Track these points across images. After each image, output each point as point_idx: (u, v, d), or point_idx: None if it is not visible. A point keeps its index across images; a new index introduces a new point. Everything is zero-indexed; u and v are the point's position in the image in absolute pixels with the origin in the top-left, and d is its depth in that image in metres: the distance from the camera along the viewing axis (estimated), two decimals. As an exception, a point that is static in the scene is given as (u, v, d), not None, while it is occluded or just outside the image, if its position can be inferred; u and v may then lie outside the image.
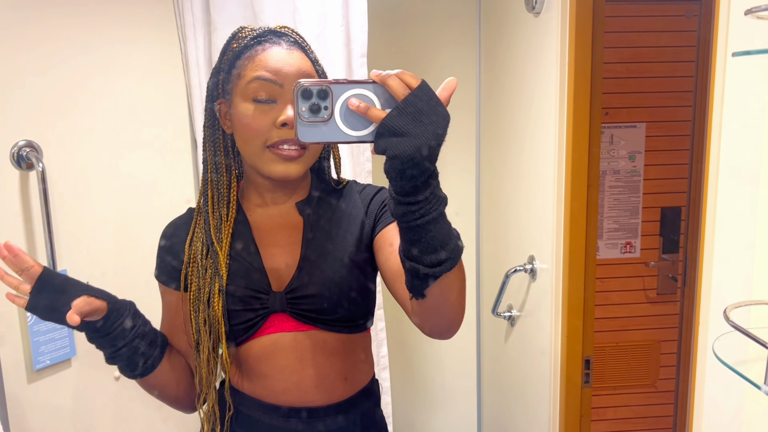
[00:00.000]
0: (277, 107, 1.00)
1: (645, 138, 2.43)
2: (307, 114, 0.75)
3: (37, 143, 1.47)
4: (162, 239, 1.14)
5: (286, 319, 1.05)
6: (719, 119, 0.93)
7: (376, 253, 1.08)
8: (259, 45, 1.02)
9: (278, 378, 1.06)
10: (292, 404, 1.07)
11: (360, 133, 0.75)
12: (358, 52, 1.72)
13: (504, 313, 2.02)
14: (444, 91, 0.75)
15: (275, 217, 1.10)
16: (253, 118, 1.00)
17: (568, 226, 1.61)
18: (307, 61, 1.04)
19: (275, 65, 1.00)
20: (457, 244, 0.81)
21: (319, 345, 1.06)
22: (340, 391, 1.09)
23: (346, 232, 1.09)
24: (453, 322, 0.93)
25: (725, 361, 0.72)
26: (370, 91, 0.75)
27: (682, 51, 2.38)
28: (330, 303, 1.04)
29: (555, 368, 1.69)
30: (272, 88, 0.99)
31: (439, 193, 0.77)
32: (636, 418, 2.62)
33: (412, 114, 0.71)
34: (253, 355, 1.07)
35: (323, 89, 0.74)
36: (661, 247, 2.51)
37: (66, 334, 1.54)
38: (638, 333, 2.57)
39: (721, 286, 0.93)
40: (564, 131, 1.58)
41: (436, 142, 0.72)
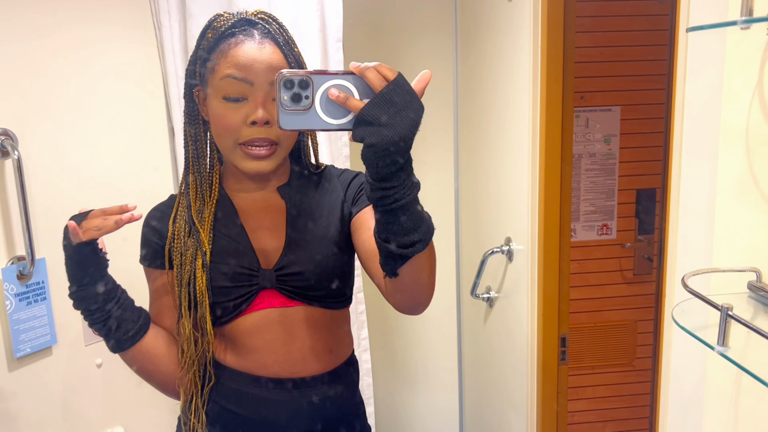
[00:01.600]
0: (249, 104, 1.02)
1: (620, 121, 2.47)
2: (289, 103, 0.78)
3: (12, 131, 1.46)
4: (145, 223, 1.16)
5: (274, 295, 1.10)
6: (681, 96, 0.96)
7: (353, 233, 1.12)
8: (232, 37, 1.03)
9: (267, 351, 1.11)
10: (281, 375, 1.11)
11: (339, 122, 0.79)
12: (333, 37, 1.73)
13: (483, 294, 2.05)
14: (419, 83, 0.80)
15: (258, 201, 1.14)
16: (224, 116, 1.03)
17: (542, 208, 1.64)
18: (278, 53, 1.05)
19: (245, 62, 1.01)
20: (429, 225, 0.85)
21: (306, 319, 1.11)
22: (326, 362, 1.15)
23: (328, 214, 1.13)
24: (423, 300, 0.98)
25: (685, 326, 0.75)
26: (350, 82, 0.78)
27: (656, 35, 2.42)
28: (317, 279, 1.09)
29: (532, 346, 1.72)
30: (242, 87, 1.02)
31: (412, 179, 0.81)
32: (614, 397, 2.67)
33: (388, 105, 0.76)
34: (242, 330, 1.11)
35: (304, 79, 0.78)
36: (637, 229, 2.55)
37: (46, 322, 1.55)
38: (615, 313, 2.62)
39: (685, 258, 0.96)
40: (537, 115, 1.61)
41: (410, 132, 0.77)
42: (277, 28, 1.07)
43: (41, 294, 1.54)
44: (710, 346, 0.69)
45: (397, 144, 0.76)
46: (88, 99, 1.63)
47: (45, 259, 1.53)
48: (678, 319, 0.77)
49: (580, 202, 2.51)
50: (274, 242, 1.11)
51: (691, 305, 0.81)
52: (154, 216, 1.16)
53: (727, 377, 0.87)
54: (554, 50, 1.57)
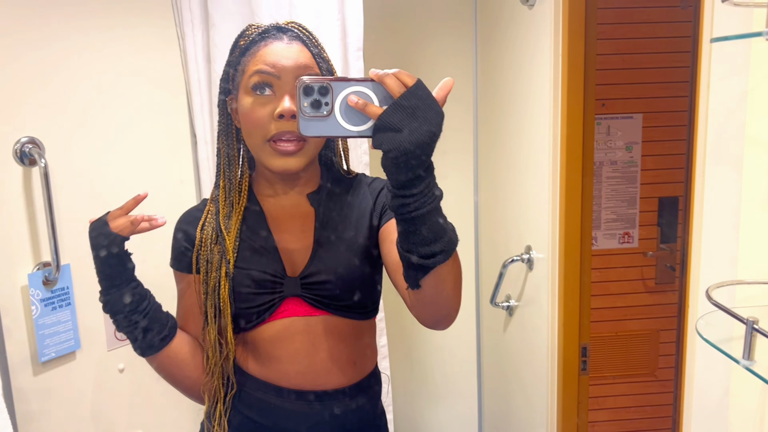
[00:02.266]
0: (276, 99, 1.03)
1: (642, 129, 2.45)
2: (309, 109, 0.79)
3: (40, 140, 1.49)
4: (176, 227, 1.18)
5: (299, 303, 1.09)
6: (705, 106, 0.95)
7: (381, 244, 1.12)
8: (262, 41, 1.06)
9: (291, 361, 1.10)
10: (303, 387, 1.11)
11: (358, 128, 0.79)
12: (354, 46, 1.74)
13: (502, 303, 2.04)
14: (440, 90, 0.79)
15: (287, 207, 1.14)
16: (253, 110, 1.04)
17: (563, 216, 1.63)
18: (306, 53, 1.06)
19: (273, 58, 1.03)
20: (451, 237, 0.84)
21: (331, 330, 1.10)
22: (350, 375, 1.13)
23: (356, 222, 1.13)
24: (448, 314, 0.96)
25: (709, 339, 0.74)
26: (369, 88, 0.79)
27: (678, 41, 2.39)
28: (343, 289, 1.09)
29: (552, 356, 1.71)
30: (270, 80, 1.03)
31: (434, 187, 0.80)
32: (636, 407, 2.64)
33: (408, 110, 0.75)
34: (266, 338, 1.10)
35: (324, 86, 0.78)
36: (659, 237, 2.53)
37: (71, 327, 1.57)
38: (637, 322, 2.59)
39: (708, 269, 0.95)
40: (558, 122, 1.60)
41: (429, 139, 0.76)
42: (308, 35, 1.09)
43: (66, 299, 1.56)
44: (735, 359, 0.68)
45: (416, 150, 0.75)
46: (113, 108, 1.66)
47: (70, 265, 1.55)
48: (702, 331, 0.76)
49: (601, 210, 2.49)
50: (301, 250, 1.11)
51: (715, 317, 0.80)
52: (186, 220, 1.18)
53: (752, 390, 0.86)
54: (575, 57, 1.57)
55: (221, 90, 1.12)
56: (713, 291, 0.76)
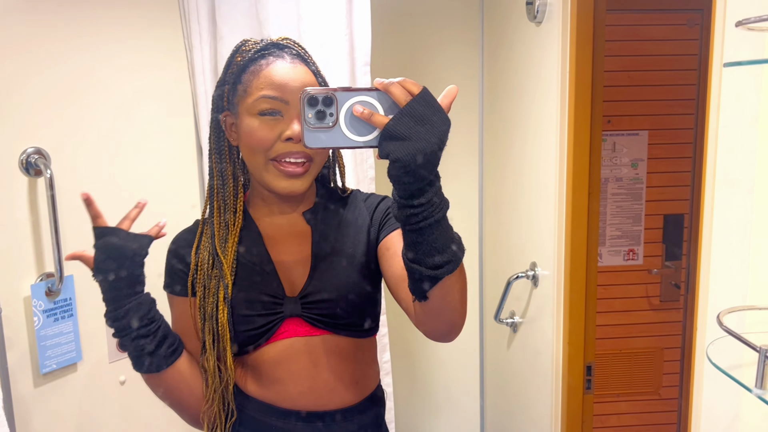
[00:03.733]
0: (283, 121, 1.02)
1: (647, 145, 2.44)
2: (313, 120, 0.78)
3: (46, 150, 1.49)
4: (170, 249, 1.15)
5: (299, 324, 1.08)
6: (715, 128, 0.94)
7: (380, 258, 1.10)
8: (263, 59, 1.04)
9: (293, 383, 1.08)
10: (307, 408, 1.09)
11: (364, 139, 0.79)
12: (361, 61, 1.74)
13: (506, 319, 2.03)
14: (445, 98, 0.79)
15: (283, 226, 1.13)
16: (259, 132, 1.02)
17: (569, 233, 1.62)
18: (309, 74, 1.06)
19: (280, 81, 1.02)
20: (459, 247, 0.84)
21: (332, 349, 1.09)
22: (353, 394, 1.12)
23: (354, 239, 1.11)
24: (454, 325, 0.96)
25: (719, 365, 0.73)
26: (374, 98, 0.78)
27: (684, 59, 2.40)
28: (342, 308, 1.07)
29: (556, 374, 1.70)
30: (278, 105, 1.02)
31: (440, 197, 0.80)
32: (639, 426, 2.62)
33: (414, 119, 0.75)
34: (266, 360, 1.08)
35: (328, 96, 0.78)
36: (664, 255, 2.51)
37: (72, 339, 1.56)
38: (641, 340, 2.57)
39: (718, 292, 0.94)
40: (565, 139, 1.60)
41: (436, 146, 0.75)
42: (305, 52, 1.09)
43: (68, 311, 1.55)
44: (748, 388, 0.67)
45: (423, 158, 0.74)
46: (120, 119, 1.66)
47: (73, 276, 1.55)
48: (713, 357, 0.75)
49: (606, 226, 2.48)
50: (299, 269, 1.10)
51: (725, 343, 0.79)
52: (179, 243, 1.15)
53: (763, 417, 0.84)
54: (583, 75, 1.56)
55: (215, 107, 1.10)
56: (724, 316, 0.75)
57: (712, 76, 0.93)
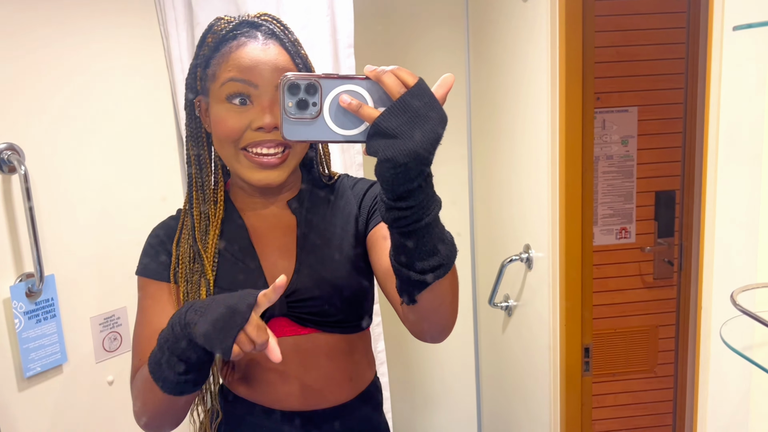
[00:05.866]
0: (254, 109, 0.94)
1: (637, 122, 2.41)
2: (294, 110, 0.70)
3: (19, 146, 1.43)
4: (152, 235, 1.07)
5: (285, 323, 1.01)
6: (717, 98, 0.90)
7: (369, 250, 1.04)
8: (233, 40, 0.96)
9: (280, 383, 1.03)
10: (298, 408, 1.04)
11: (350, 133, 0.71)
12: (344, 43, 1.68)
13: (501, 303, 2.00)
14: (440, 88, 0.71)
15: (268, 217, 1.06)
16: (227, 120, 0.95)
17: (563, 214, 1.59)
18: (284, 55, 0.97)
19: (248, 64, 0.94)
20: (450, 250, 0.77)
21: (322, 348, 1.03)
22: (347, 391, 1.07)
23: (341, 230, 1.05)
24: (444, 328, 0.91)
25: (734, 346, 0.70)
26: (363, 87, 0.71)
27: (673, 33, 2.36)
28: (331, 304, 1.01)
29: (554, 357, 1.67)
30: (247, 89, 0.94)
31: (432, 198, 0.73)
32: (636, 404, 2.61)
33: (408, 114, 0.67)
34: (253, 361, 1.03)
35: (312, 84, 0.70)
36: (657, 232, 2.49)
37: (56, 341, 1.51)
38: (636, 319, 2.55)
39: (724, 270, 0.91)
40: (557, 117, 1.56)
41: (432, 145, 0.68)
42: (282, 29, 1.00)
43: (51, 311, 1.50)
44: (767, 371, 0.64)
45: (417, 159, 0.67)
46: (96, 111, 1.60)
47: (54, 275, 1.49)
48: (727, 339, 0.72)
49: (597, 205, 2.45)
50: (285, 264, 1.02)
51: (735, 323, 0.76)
52: (162, 231, 1.07)
53: (774, 397, 0.82)
54: (573, 51, 1.52)
55: (188, 89, 1.02)
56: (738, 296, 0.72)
57: (713, 43, 0.89)
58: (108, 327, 1.64)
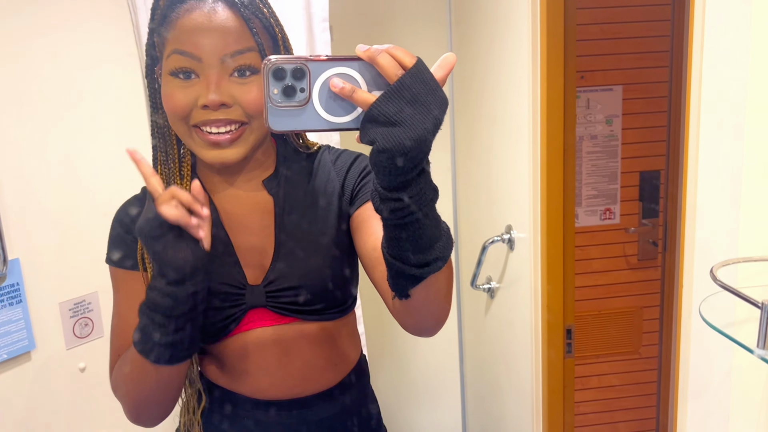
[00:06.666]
0: (200, 83, 0.86)
1: (622, 101, 2.38)
2: (280, 98, 0.64)
3: (-21, 125, 1.37)
4: (117, 219, 1.00)
5: (265, 313, 0.96)
6: (699, 69, 0.87)
7: (354, 232, 0.97)
8: (181, 5, 0.88)
9: (262, 374, 0.98)
10: (280, 398, 0.99)
11: (343, 120, 0.65)
12: (319, 17, 1.62)
13: (483, 285, 1.97)
14: (440, 69, 0.65)
15: (242, 198, 0.98)
16: (172, 96, 0.87)
17: (545, 194, 1.55)
18: (235, 18, 0.86)
19: (192, 34, 0.85)
20: (447, 241, 0.72)
21: (304, 336, 0.98)
22: (331, 377, 1.03)
23: (322, 210, 0.98)
24: (437, 323, 0.86)
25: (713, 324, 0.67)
26: (355, 69, 0.64)
27: (657, 9, 2.32)
28: (312, 293, 0.95)
29: (536, 339, 1.65)
30: (189, 62, 0.86)
31: (429, 188, 0.68)
32: (620, 386, 2.60)
33: (405, 99, 0.61)
34: (232, 351, 0.98)
35: (299, 68, 0.63)
36: (641, 213, 2.47)
37: (23, 327, 1.46)
38: (620, 300, 2.54)
39: (706, 246, 0.88)
40: (538, 96, 1.52)
41: (431, 132, 0.63)
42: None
43: (16, 296, 1.45)
44: (749, 349, 0.61)
45: (418, 147, 0.61)
46: (64, 92, 1.54)
47: (19, 259, 1.44)
48: (706, 316, 0.69)
49: (582, 186, 2.42)
50: (262, 251, 0.96)
51: (716, 299, 0.73)
52: (128, 212, 0.99)
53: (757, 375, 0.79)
54: (555, 28, 1.48)
55: (148, 57, 0.94)
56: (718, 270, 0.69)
57: (695, 10, 0.85)
58: (78, 313, 1.59)
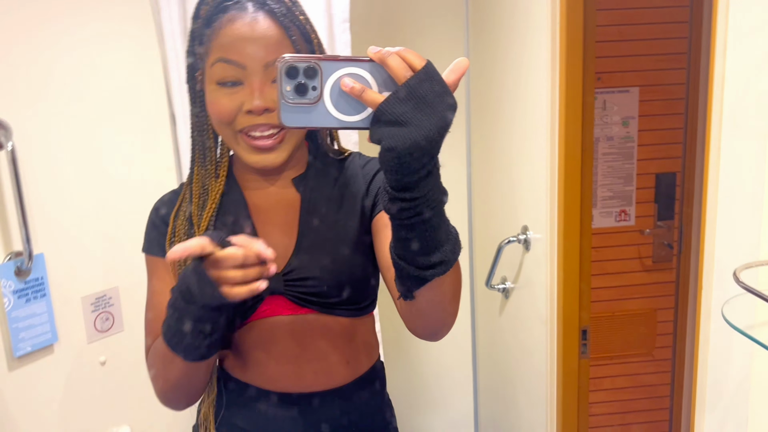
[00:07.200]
0: (244, 90, 0.92)
1: (638, 103, 2.37)
2: (292, 95, 0.66)
3: (7, 122, 1.40)
4: (154, 209, 1.06)
5: (283, 302, 0.99)
6: (722, 71, 0.87)
7: (374, 236, 1.00)
8: (223, 14, 0.93)
9: (275, 363, 1.01)
10: (289, 390, 1.01)
11: (352, 119, 0.67)
12: (339, 18, 1.64)
13: (498, 285, 1.98)
14: (452, 73, 0.67)
15: (272, 194, 1.03)
16: (218, 103, 0.93)
17: (562, 195, 1.56)
18: (276, 28, 0.92)
19: (236, 43, 0.90)
20: (455, 245, 0.73)
21: (319, 329, 1.01)
22: (342, 376, 1.04)
23: (347, 210, 1.02)
24: (443, 326, 0.87)
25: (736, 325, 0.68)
26: (366, 70, 0.66)
27: (675, 11, 2.31)
28: (330, 285, 0.98)
29: (551, 340, 1.65)
30: (234, 70, 0.91)
31: (438, 189, 0.69)
32: (633, 387, 2.60)
33: (415, 100, 0.63)
34: (247, 339, 1.01)
35: (311, 66, 0.66)
36: (656, 215, 2.47)
37: (46, 320, 1.49)
38: (634, 302, 2.53)
39: (726, 248, 0.88)
40: (557, 97, 1.53)
41: (440, 134, 0.64)
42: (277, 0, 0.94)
43: (41, 290, 1.48)
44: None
45: (424, 148, 0.63)
46: (85, 87, 1.56)
47: (43, 254, 1.47)
48: (729, 317, 0.70)
49: (597, 187, 2.42)
50: (285, 242, 1.00)
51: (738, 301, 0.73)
52: (163, 204, 1.06)
53: (775, 378, 0.80)
54: (574, 29, 1.49)
55: (189, 64, 0.99)
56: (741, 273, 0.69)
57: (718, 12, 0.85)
58: (100, 307, 1.62)
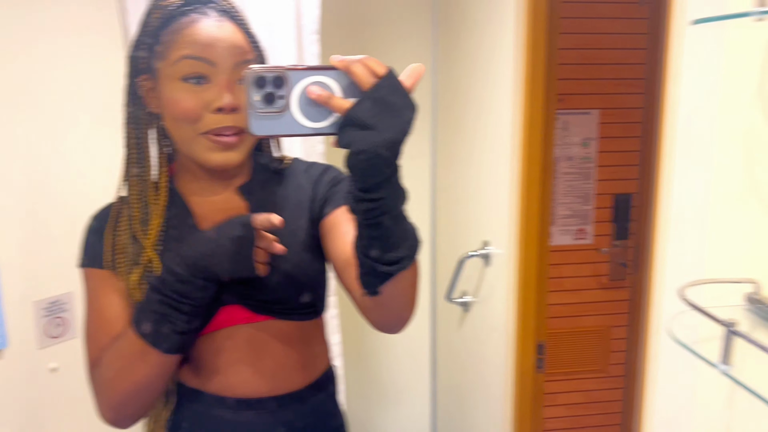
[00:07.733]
0: (211, 88, 0.91)
1: (598, 125, 2.44)
2: (261, 104, 0.69)
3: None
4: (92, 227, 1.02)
5: (239, 309, 0.99)
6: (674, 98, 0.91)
7: (324, 237, 1.02)
8: (184, 17, 0.93)
9: (233, 372, 1.00)
10: (247, 396, 1.01)
11: (320, 125, 0.71)
12: (309, 29, 1.65)
13: (458, 298, 2.00)
14: (409, 78, 0.72)
15: (217, 203, 1.02)
16: (183, 101, 0.91)
17: (522, 212, 1.59)
18: (239, 33, 0.94)
19: (206, 40, 0.91)
20: (415, 240, 0.78)
21: (276, 335, 1.01)
22: (299, 380, 1.05)
23: (296, 215, 1.03)
24: (403, 318, 0.91)
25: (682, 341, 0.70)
26: (332, 78, 0.70)
27: (635, 38, 2.40)
28: (285, 291, 0.99)
29: (508, 353, 1.68)
30: (203, 67, 0.91)
31: (400, 189, 0.74)
32: (587, 403, 2.65)
33: (379, 105, 0.68)
34: (206, 350, 1.00)
35: (279, 76, 0.69)
36: (614, 234, 2.53)
37: (-4, 324, 1.45)
38: (590, 319, 2.59)
39: (675, 267, 0.92)
40: (519, 116, 1.56)
41: (403, 136, 0.69)
42: (232, 7, 0.97)
43: (-9, 294, 1.44)
44: (713, 364, 0.65)
45: (389, 150, 0.68)
46: (46, 87, 1.53)
47: None
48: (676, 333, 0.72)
49: (556, 205, 2.48)
50: None
51: (682, 318, 0.77)
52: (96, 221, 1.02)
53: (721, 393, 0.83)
54: (537, 51, 1.53)
55: (132, 70, 0.97)
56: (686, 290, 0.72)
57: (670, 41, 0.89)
58: (52, 312, 1.58)
